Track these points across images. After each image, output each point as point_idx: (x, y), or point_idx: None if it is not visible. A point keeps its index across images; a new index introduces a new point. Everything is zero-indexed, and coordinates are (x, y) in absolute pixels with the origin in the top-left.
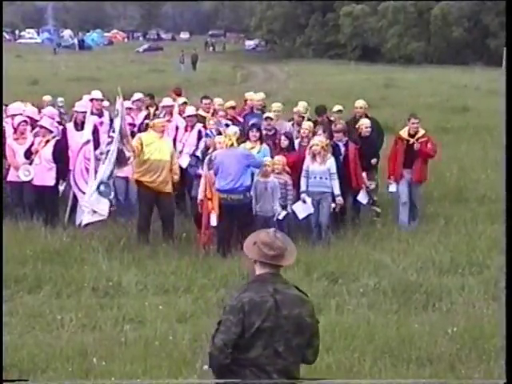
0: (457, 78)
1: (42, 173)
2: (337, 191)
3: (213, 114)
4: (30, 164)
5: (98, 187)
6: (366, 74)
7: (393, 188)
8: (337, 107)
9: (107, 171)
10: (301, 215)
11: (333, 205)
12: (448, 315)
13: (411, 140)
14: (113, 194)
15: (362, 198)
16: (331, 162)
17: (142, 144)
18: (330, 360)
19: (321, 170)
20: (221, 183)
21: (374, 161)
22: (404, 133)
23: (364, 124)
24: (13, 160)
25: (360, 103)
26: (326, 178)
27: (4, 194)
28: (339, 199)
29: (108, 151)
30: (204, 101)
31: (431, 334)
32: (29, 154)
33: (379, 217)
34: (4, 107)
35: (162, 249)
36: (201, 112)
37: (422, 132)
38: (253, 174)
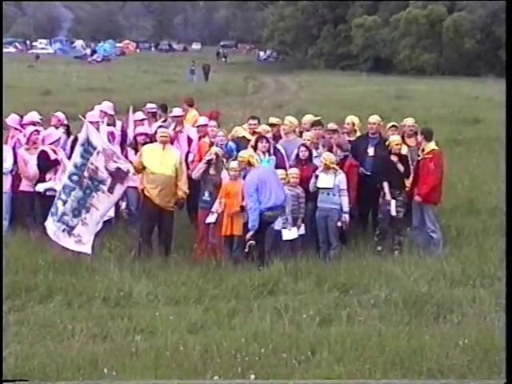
0: (468, 89)
1: None
2: (345, 208)
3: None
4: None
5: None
6: (378, 85)
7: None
8: (307, 118)
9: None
10: (285, 237)
11: (338, 223)
12: (459, 327)
13: (421, 155)
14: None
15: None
16: (340, 178)
17: (141, 159)
18: (340, 371)
19: (328, 185)
20: (266, 204)
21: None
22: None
23: (394, 141)
24: (24, 170)
25: (374, 118)
26: (334, 195)
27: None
28: (344, 216)
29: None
30: (251, 121)
31: (442, 345)
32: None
33: (400, 246)
34: (7, 117)
35: (172, 259)
36: (246, 134)
37: (431, 147)
38: None
